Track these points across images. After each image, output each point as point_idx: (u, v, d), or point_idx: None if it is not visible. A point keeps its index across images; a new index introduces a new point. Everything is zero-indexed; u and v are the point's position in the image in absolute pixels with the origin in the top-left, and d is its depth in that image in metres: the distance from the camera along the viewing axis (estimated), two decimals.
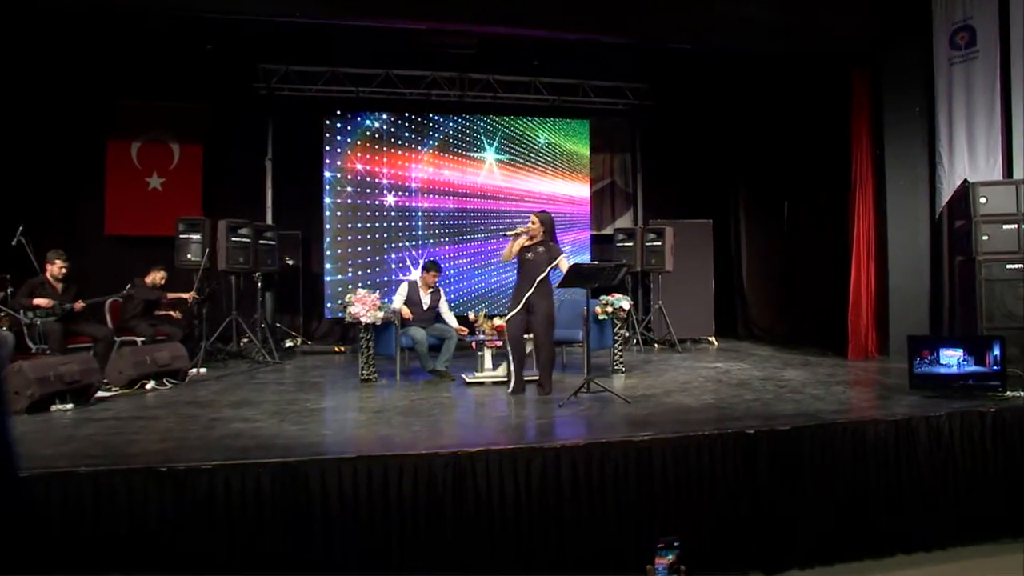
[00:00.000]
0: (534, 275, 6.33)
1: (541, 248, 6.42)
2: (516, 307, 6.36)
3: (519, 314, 6.35)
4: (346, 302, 7.27)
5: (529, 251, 6.42)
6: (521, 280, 6.46)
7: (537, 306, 6.34)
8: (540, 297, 6.34)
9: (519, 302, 6.36)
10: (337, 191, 10.45)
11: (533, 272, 6.35)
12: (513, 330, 6.41)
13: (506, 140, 11.22)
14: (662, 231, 10.19)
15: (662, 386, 6.88)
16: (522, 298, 6.35)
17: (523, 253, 6.42)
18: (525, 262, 6.40)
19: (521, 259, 6.43)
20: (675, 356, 9.47)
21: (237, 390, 6.93)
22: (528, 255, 6.41)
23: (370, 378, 7.33)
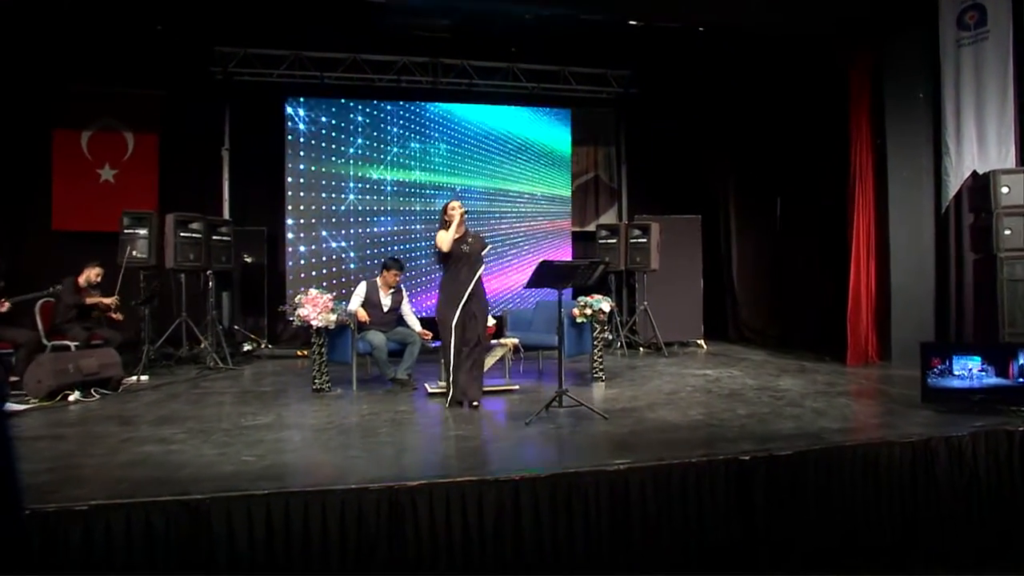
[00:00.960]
0: (474, 268, 5.74)
1: (471, 239, 5.82)
2: (455, 306, 5.67)
3: (460, 313, 5.67)
4: (294, 303, 6.48)
5: (461, 242, 5.75)
6: (456, 275, 5.75)
7: (475, 301, 5.74)
8: (478, 292, 5.78)
9: (458, 299, 5.67)
10: (300, 183, 9.64)
11: (471, 265, 5.74)
12: (459, 332, 5.69)
13: (482, 130, 10.44)
14: (648, 227, 9.44)
15: (645, 397, 6.13)
16: (461, 295, 5.68)
17: (457, 244, 5.72)
18: (461, 255, 5.74)
19: (455, 251, 5.73)
20: (661, 361, 8.72)
21: (170, 402, 6.14)
22: (463, 247, 5.74)
23: (323, 388, 6.55)
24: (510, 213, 10.57)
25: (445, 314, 5.72)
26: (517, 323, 7.63)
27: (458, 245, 5.71)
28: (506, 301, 10.45)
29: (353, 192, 9.83)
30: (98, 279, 7.81)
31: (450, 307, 5.69)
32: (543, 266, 4.99)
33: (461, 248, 5.72)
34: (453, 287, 5.73)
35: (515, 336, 7.13)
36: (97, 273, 7.77)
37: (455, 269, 5.74)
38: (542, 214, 10.79)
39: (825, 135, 8.74)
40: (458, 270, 5.72)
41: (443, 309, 5.76)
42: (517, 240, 10.61)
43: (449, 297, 5.75)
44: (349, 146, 9.81)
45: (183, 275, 8.55)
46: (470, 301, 5.69)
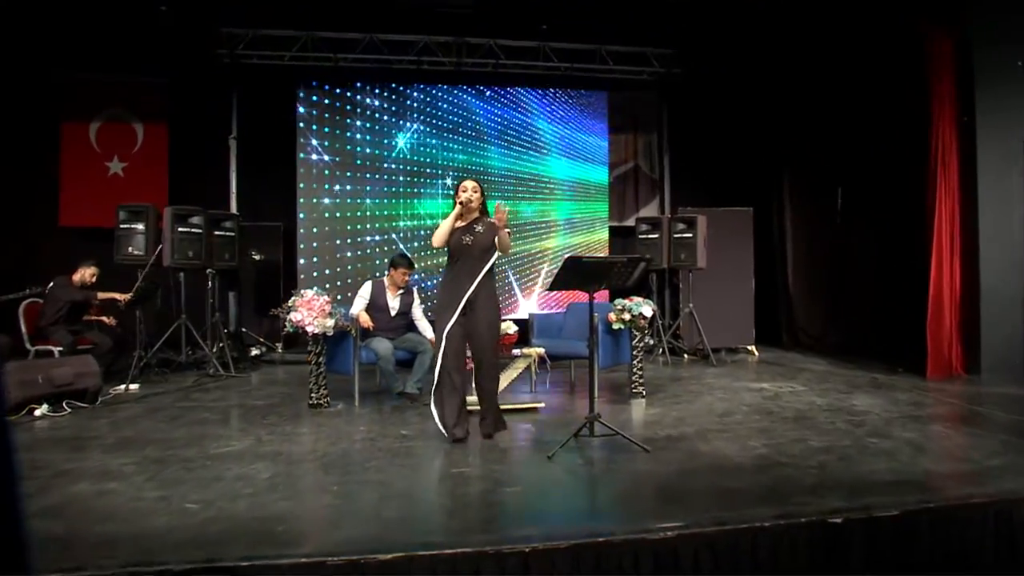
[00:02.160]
0: (475, 266, 4.50)
1: (479, 227, 4.58)
2: (450, 313, 4.47)
3: (456, 323, 4.47)
4: (287, 306, 5.57)
5: (465, 232, 4.56)
6: (454, 274, 4.59)
7: (480, 310, 4.50)
8: (483, 297, 4.52)
9: (454, 305, 4.47)
10: (312, 174, 8.76)
11: (473, 261, 4.51)
12: (450, 345, 4.47)
13: (510, 115, 9.44)
14: (694, 220, 8.33)
15: (694, 420, 5.06)
16: (459, 299, 4.47)
17: (455, 236, 4.56)
18: (460, 248, 4.55)
19: (453, 244, 4.56)
20: (709, 372, 7.62)
21: (145, 419, 5.27)
22: (464, 238, 4.54)
23: (320, 403, 5.63)
24: (541, 206, 9.54)
25: (437, 320, 4.65)
26: (545, 329, 6.62)
27: (459, 237, 4.54)
28: (534, 301, 9.43)
29: (370, 183, 8.92)
30: (93, 279, 7.02)
31: (444, 313, 4.52)
32: (571, 264, 3.95)
33: (462, 240, 4.53)
34: (450, 289, 4.55)
35: (542, 344, 6.11)
36: (92, 273, 6.99)
37: (454, 266, 4.57)
38: (576, 207, 9.73)
39: (898, 114, 7.54)
40: (458, 268, 4.54)
41: (437, 313, 4.69)
42: (547, 235, 9.59)
43: (444, 301, 4.58)
44: (366, 133, 8.90)
45: (182, 273, 7.73)
46: (472, 309, 4.48)
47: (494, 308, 4.62)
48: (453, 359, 4.46)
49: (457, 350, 4.48)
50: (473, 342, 4.55)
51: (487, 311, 4.54)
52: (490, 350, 4.57)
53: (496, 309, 4.66)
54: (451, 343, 4.46)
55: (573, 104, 9.71)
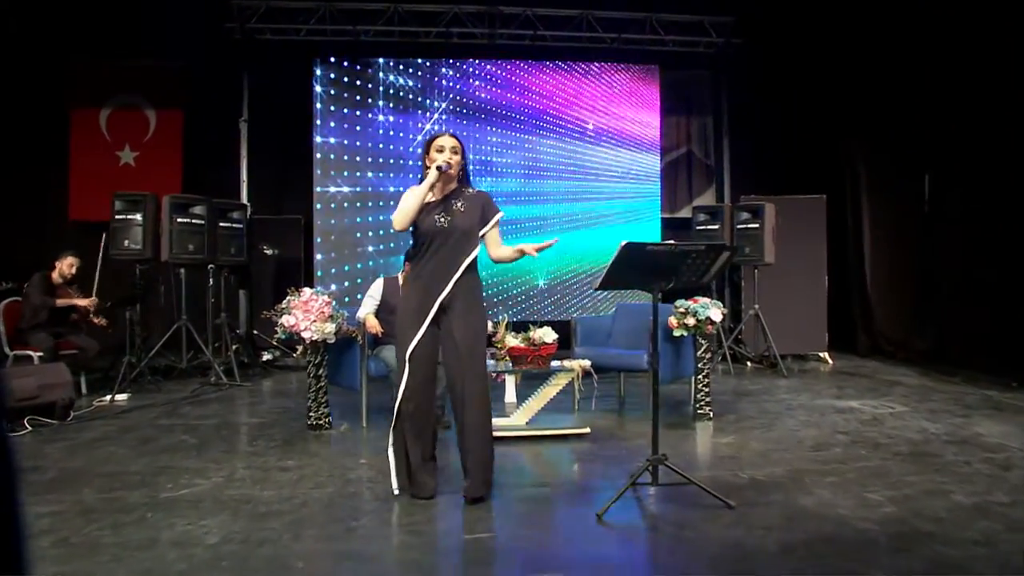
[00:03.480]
0: (453, 256, 3.22)
1: (459, 203, 3.28)
2: (415, 326, 3.22)
3: (424, 339, 3.22)
4: (280, 308, 4.56)
5: (438, 210, 3.25)
6: (422, 268, 3.26)
7: (457, 318, 3.22)
8: (463, 300, 3.23)
9: (422, 315, 3.21)
10: (330, 159, 7.78)
11: (449, 250, 3.22)
12: (416, 371, 3.22)
13: (549, 93, 8.32)
14: (760, 208, 7.13)
15: (781, 455, 3.91)
16: (429, 306, 3.21)
17: (425, 215, 3.24)
18: (431, 232, 3.23)
19: (421, 226, 3.25)
20: (780, 384, 6.42)
21: (105, 444, 4.31)
22: (438, 219, 3.23)
23: (321, 423, 4.62)
24: (582, 196, 8.41)
25: (398, 338, 3.30)
26: (591, 335, 5.50)
27: (430, 216, 3.22)
28: (575, 305, 8.31)
29: (393, 169, 7.90)
30: (72, 271, 6.14)
31: (407, 328, 3.22)
32: (629, 253, 2.84)
33: (435, 221, 3.21)
34: (416, 291, 3.25)
35: (587, 355, 5.00)
36: (70, 264, 6.11)
37: (422, 258, 3.25)
38: (622, 197, 8.58)
39: (1003, 86, 6.22)
40: (428, 260, 3.23)
41: (398, 329, 3.31)
42: (590, 227, 8.45)
43: (407, 309, 3.27)
44: (389, 114, 7.89)
45: (183, 270, 6.81)
46: (447, 317, 3.23)
47: (478, 315, 3.28)
48: (420, 391, 3.22)
49: (426, 378, 3.24)
50: (449, 364, 3.24)
51: (469, 319, 3.21)
52: (475, 374, 3.20)
53: (482, 316, 3.32)
54: (418, 368, 3.20)
55: (620, 81, 8.54)
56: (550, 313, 8.15)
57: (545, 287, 8.21)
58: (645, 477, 3.22)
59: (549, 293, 8.23)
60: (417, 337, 3.21)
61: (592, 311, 8.31)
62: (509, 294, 8.11)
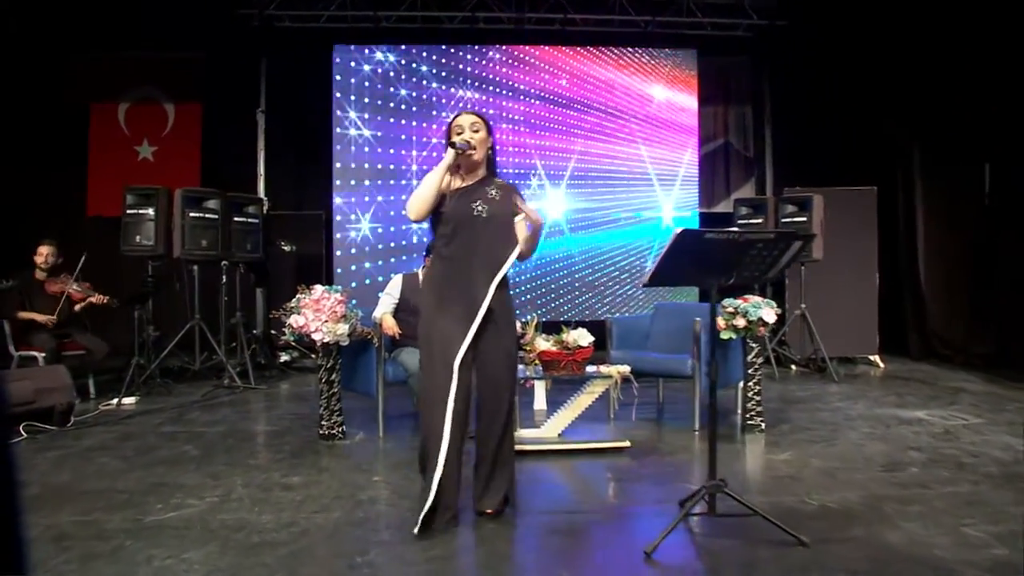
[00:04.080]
0: (494, 254, 2.79)
1: (493, 191, 2.85)
2: (458, 331, 2.78)
3: (469, 350, 2.79)
4: (289, 307, 4.14)
5: (473, 196, 2.82)
6: (457, 263, 2.79)
7: (494, 329, 2.80)
8: (502, 309, 2.83)
9: (467, 319, 2.76)
10: (351, 151, 7.38)
11: (489, 246, 2.79)
12: (462, 386, 2.74)
13: (580, 81, 7.82)
14: (808, 201, 6.58)
15: (851, 476, 3.39)
16: (473, 310, 2.75)
17: (456, 200, 2.81)
18: (465, 220, 2.79)
19: (454, 213, 2.80)
20: (831, 390, 5.87)
21: (100, 455, 3.93)
22: (475, 206, 2.79)
23: (334, 433, 4.19)
24: (614, 188, 7.91)
25: (428, 341, 2.82)
26: (627, 337, 5.00)
27: (462, 202, 2.79)
28: (609, 303, 7.81)
29: (416, 160, 7.47)
30: (46, 260, 5.68)
31: (444, 330, 2.76)
32: (683, 241, 2.35)
33: (471, 209, 2.78)
34: (452, 288, 2.79)
35: (624, 358, 4.52)
36: (42, 254, 5.71)
37: (453, 251, 2.80)
38: (657, 190, 8.05)
39: None
40: (464, 255, 2.78)
41: (426, 328, 2.83)
42: (622, 221, 7.94)
43: (435, 303, 2.82)
44: (412, 103, 7.46)
45: (196, 267, 6.45)
46: (486, 326, 2.78)
47: (512, 325, 2.93)
48: (464, 408, 2.75)
49: (468, 395, 2.79)
50: (484, 378, 2.82)
51: (506, 330, 2.83)
52: (509, 389, 2.85)
53: (514, 326, 2.98)
54: (463, 383, 2.72)
55: (654, 67, 8.01)
56: (580, 313, 7.67)
57: (575, 284, 7.72)
58: (699, 505, 2.74)
59: (579, 291, 7.74)
60: (463, 348, 2.74)
61: (625, 310, 7.81)
62: (537, 292, 7.63)
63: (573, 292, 7.69)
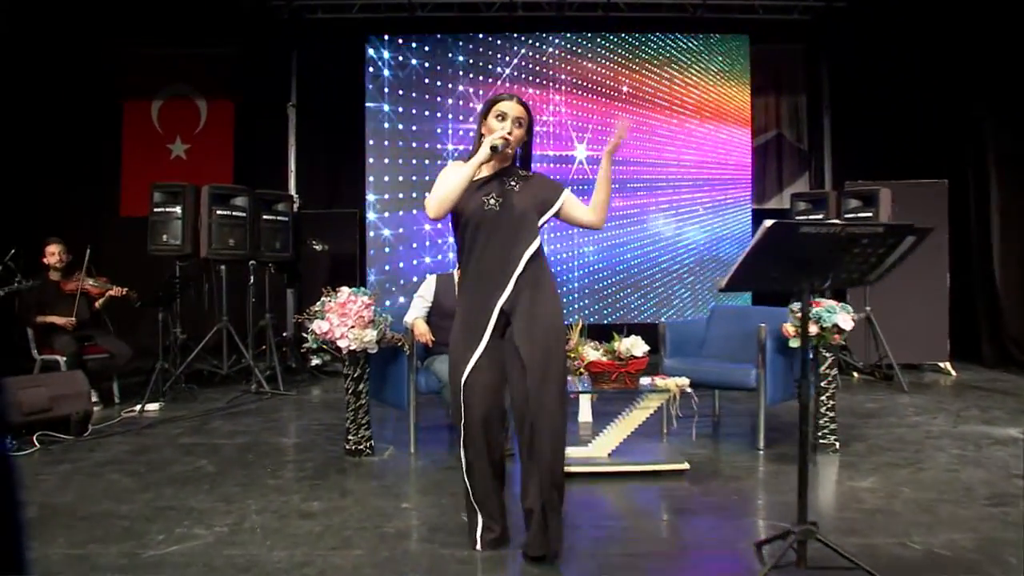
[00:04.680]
0: (511, 247, 2.44)
1: (513, 181, 2.52)
2: (470, 341, 2.46)
3: (482, 359, 2.45)
4: (314, 311, 3.78)
5: (488, 188, 2.49)
6: (474, 264, 2.47)
7: (522, 315, 2.43)
8: (530, 292, 2.44)
9: (479, 327, 2.45)
10: (384, 146, 7.01)
11: (505, 238, 2.45)
12: (476, 400, 2.44)
13: (624, 71, 7.33)
14: (874, 195, 6.02)
15: (949, 512, 2.89)
16: (487, 314, 2.43)
17: (470, 197, 2.46)
18: (480, 218, 2.45)
19: (467, 210, 2.46)
20: (902, 400, 5.32)
21: (111, 470, 3.61)
22: (488, 200, 2.46)
23: (361, 448, 3.82)
24: (661, 184, 7.41)
25: (455, 354, 2.51)
26: (682, 343, 4.52)
27: (476, 197, 2.44)
28: (660, 305, 7.32)
29: (453, 156, 7.08)
30: (57, 260, 5.35)
31: (461, 342, 2.47)
32: (774, 237, 1.90)
33: (484, 204, 2.43)
34: (468, 295, 2.50)
35: (679, 368, 4.06)
36: (53, 252, 5.40)
37: (471, 251, 2.46)
38: (707, 185, 7.52)
39: None
40: (477, 254, 2.45)
41: (454, 341, 2.52)
42: (670, 218, 7.44)
43: (464, 314, 2.51)
44: (448, 95, 7.07)
45: (224, 267, 6.15)
46: (513, 321, 2.43)
47: (550, 308, 2.46)
48: (482, 434, 2.45)
49: (491, 405, 2.45)
50: (513, 379, 2.44)
51: (540, 320, 2.40)
52: (552, 395, 2.38)
53: (554, 309, 2.49)
54: (477, 401, 2.42)
55: (704, 54, 7.49)
56: (626, 315, 7.20)
57: (619, 285, 7.24)
58: (788, 555, 2.27)
59: (625, 292, 7.27)
60: (473, 359, 2.43)
61: (675, 312, 7.31)
62: (581, 292, 7.18)
63: (616, 293, 7.22)
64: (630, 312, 7.24)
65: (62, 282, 5.44)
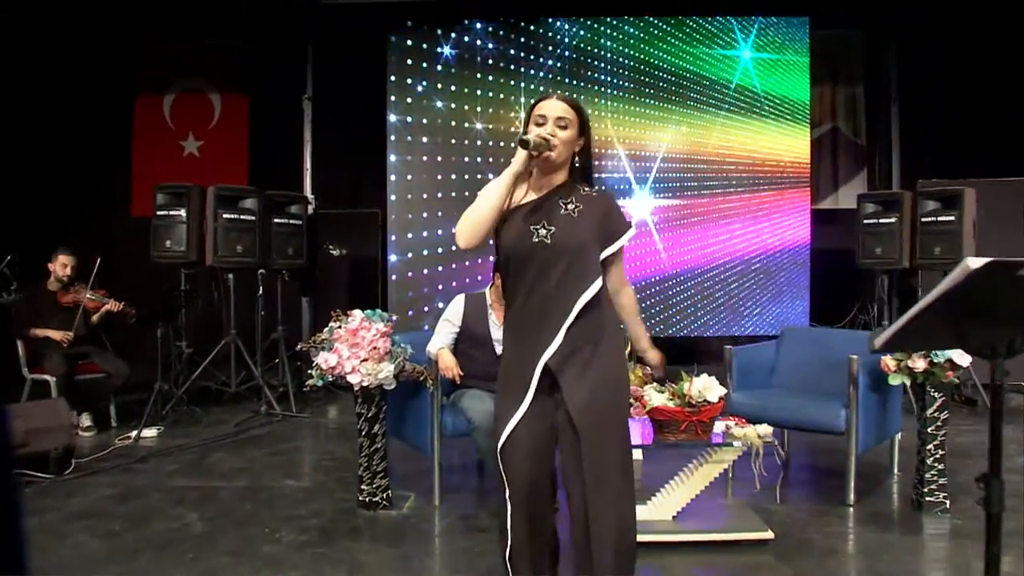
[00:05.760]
0: (563, 288, 1.91)
1: (570, 205, 1.95)
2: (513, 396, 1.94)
3: (527, 416, 1.92)
4: (320, 340, 3.17)
5: (536, 214, 1.94)
6: (519, 305, 1.96)
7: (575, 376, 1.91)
8: (586, 348, 1.92)
9: (522, 380, 1.92)
10: (407, 143, 6.38)
11: (557, 279, 1.91)
12: (518, 463, 1.93)
13: (673, 59, 6.62)
14: (957, 197, 5.26)
15: None
16: (531, 366, 1.91)
17: (512, 222, 1.95)
18: (525, 250, 1.92)
19: (506, 239, 1.95)
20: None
21: (82, 524, 3.03)
22: (536, 229, 1.91)
23: (376, 501, 3.20)
24: (712, 183, 6.70)
25: (499, 408, 2.00)
26: (749, 373, 3.81)
27: (523, 224, 1.93)
28: (700, 321, 6.61)
29: (482, 154, 6.43)
30: (66, 272, 4.84)
31: (508, 393, 1.96)
32: (982, 280, 1.25)
33: (532, 234, 1.91)
34: (511, 341, 2.02)
35: (750, 405, 3.38)
36: (63, 264, 4.86)
37: (516, 290, 1.96)
38: (762, 183, 6.78)
39: None
40: (522, 294, 1.94)
41: (499, 391, 2.03)
42: (720, 221, 6.72)
43: (506, 365, 2.02)
44: (476, 87, 6.41)
45: (231, 275, 5.58)
46: (563, 378, 1.91)
47: (611, 367, 1.96)
48: (534, 493, 1.95)
49: (536, 482, 1.95)
50: (564, 451, 1.95)
51: (595, 376, 1.91)
52: (612, 463, 1.91)
53: (616, 367, 1.99)
54: (519, 462, 1.92)
55: (759, 38, 6.75)
56: (669, 330, 6.51)
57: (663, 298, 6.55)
58: None
59: (671, 306, 6.57)
60: (513, 422, 1.93)
61: (722, 326, 6.61)
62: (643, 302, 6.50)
63: (659, 308, 6.54)
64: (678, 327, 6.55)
65: (60, 293, 4.90)
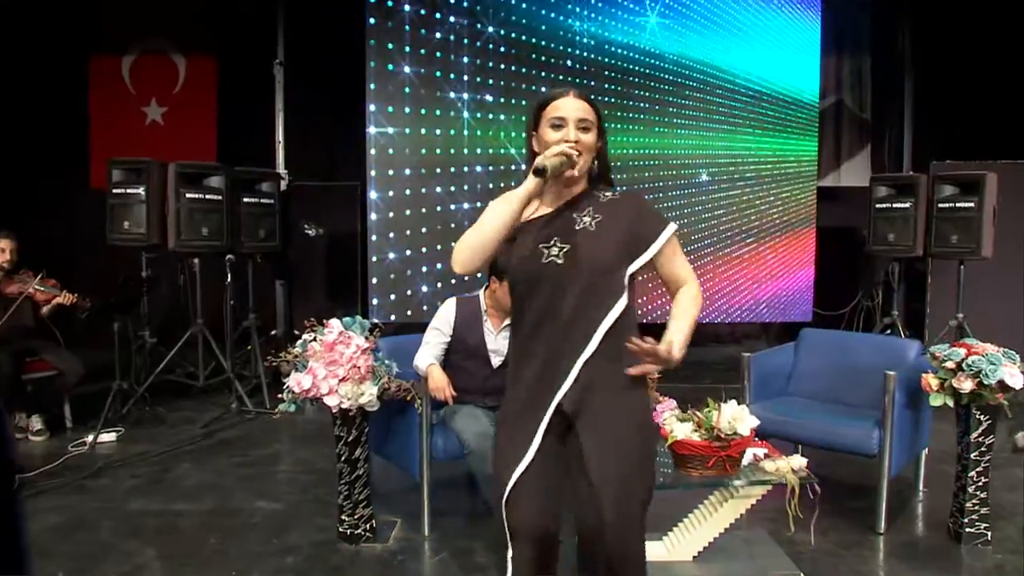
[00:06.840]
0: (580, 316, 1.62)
1: (589, 217, 1.67)
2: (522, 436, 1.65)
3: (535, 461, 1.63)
4: (292, 356, 2.76)
5: (547, 230, 1.67)
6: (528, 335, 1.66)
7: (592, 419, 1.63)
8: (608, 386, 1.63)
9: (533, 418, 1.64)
10: (387, 112, 5.87)
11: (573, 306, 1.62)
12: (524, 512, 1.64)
13: (670, 20, 6.16)
14: (977, 182, 4.94)
15: None
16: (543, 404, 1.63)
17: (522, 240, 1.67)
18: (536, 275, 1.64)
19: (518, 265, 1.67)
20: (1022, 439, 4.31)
21: (45, 543, 2.61)
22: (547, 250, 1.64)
23: (358, 534, 2.84)
24: (717, 158, 6.31)
25: (499, 452, 1.72)
26: (766, 378, 3.48)
27: (533, 243, 1.64)
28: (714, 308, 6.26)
29: (468, 125, 5.96)
30: (6, 258, 4.35)
31: (512, 434, 1.69)
32: None
33: (543, 254, 1.63)
34: (518, 371, 1.70)
35: (770, 418, 3.06)
36: (3, 248, 4.36)
37: (523, 318, 1.67)
38: (767, 157, 6.40)
39: None
40: (535, 324, 1.64)
41: (501, 431, 1.76)
42: (724, 197, 6.35)
43: (510, 400, 1.73)
44: (463, 52, 5.90)
45: (197, 260, 5.11)
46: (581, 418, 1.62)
47: (634, 410, 1.69)
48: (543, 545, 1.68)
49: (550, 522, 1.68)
50: (582, 502, 1.64)
51: (617, 420, 1.64)
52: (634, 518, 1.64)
53: (641, 409, 1.72)
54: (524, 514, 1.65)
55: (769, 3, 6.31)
56: (666, 316, 6.17)
57: None
58: None
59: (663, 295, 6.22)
60: (519, 469, 1.65)
61: (737, 312, 6.29)
62: None
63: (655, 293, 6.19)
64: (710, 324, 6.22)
65: (3, 282, 4.42)
